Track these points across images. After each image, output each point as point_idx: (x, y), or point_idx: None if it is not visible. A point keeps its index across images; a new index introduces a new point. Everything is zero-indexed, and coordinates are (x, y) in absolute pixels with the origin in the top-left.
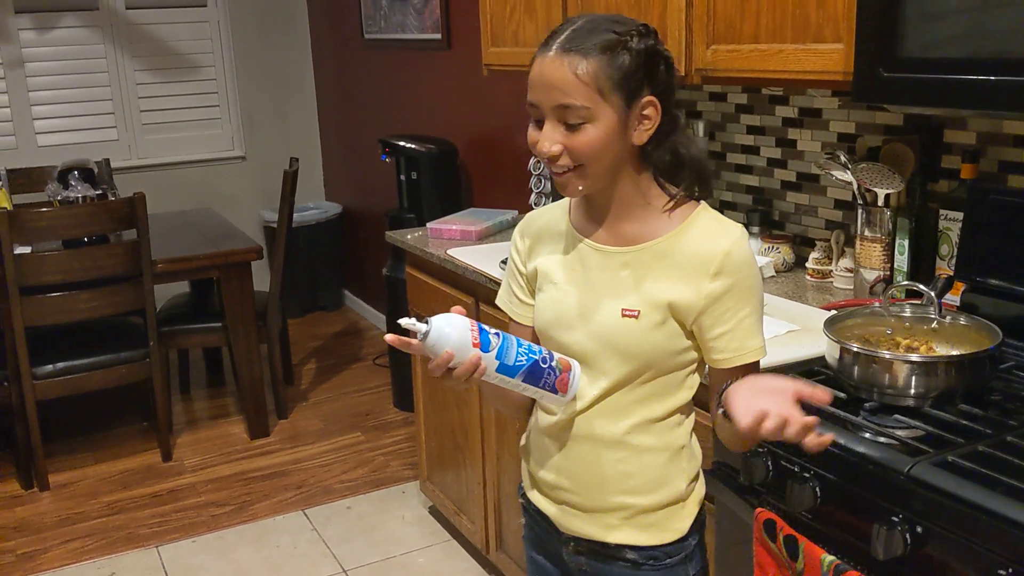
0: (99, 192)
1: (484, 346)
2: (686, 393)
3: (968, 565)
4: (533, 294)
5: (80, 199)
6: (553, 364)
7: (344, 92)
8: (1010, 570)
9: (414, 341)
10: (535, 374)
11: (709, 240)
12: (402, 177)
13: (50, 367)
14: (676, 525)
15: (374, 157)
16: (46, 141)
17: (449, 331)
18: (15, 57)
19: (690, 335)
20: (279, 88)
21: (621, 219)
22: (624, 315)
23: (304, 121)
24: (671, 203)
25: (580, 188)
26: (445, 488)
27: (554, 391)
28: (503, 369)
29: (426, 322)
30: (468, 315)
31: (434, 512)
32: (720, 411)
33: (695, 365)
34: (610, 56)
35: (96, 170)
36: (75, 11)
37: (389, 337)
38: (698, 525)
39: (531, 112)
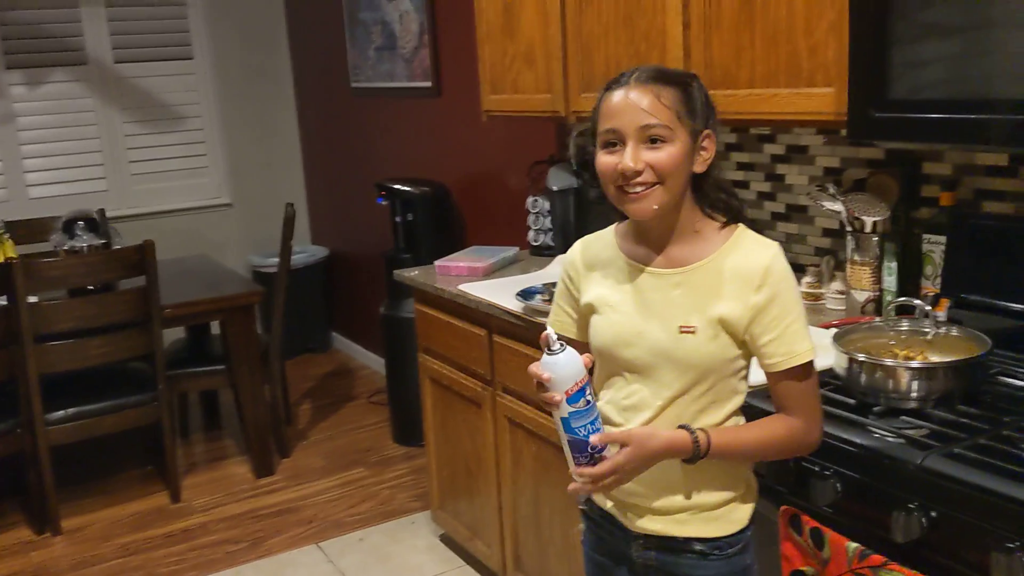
0: (103, 241)
1: (570, 399)
2: (739, 398)
3: (979, 541)
4: (582, 314)
5: (85, 248)
6: (587, 455)
7: (330, 138)
8: (1017, 543)
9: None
10: (575, 448)
11: (751, 257)
12: (398, 219)
13: (62, 413)
14: (737, 516)
15: (363, 200)
16: (37, 193)
17: (565, 375)
18: (6, 112)
19: (741, 344)
20: (264, 136)
21: (672, 244)
22: (682, 331)
23: (289, 168)
24: (721, 227)
25: (655, 207)
26: (458, 515)
27: (575, 465)
28: (565, 426)
29: (562, 348)
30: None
31: (445, 539)
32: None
33: (745, 372)
34: (684, 90)
35: (98, 219)
36: (64, 66)
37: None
38: (753, 517)
39: (606, 137)
